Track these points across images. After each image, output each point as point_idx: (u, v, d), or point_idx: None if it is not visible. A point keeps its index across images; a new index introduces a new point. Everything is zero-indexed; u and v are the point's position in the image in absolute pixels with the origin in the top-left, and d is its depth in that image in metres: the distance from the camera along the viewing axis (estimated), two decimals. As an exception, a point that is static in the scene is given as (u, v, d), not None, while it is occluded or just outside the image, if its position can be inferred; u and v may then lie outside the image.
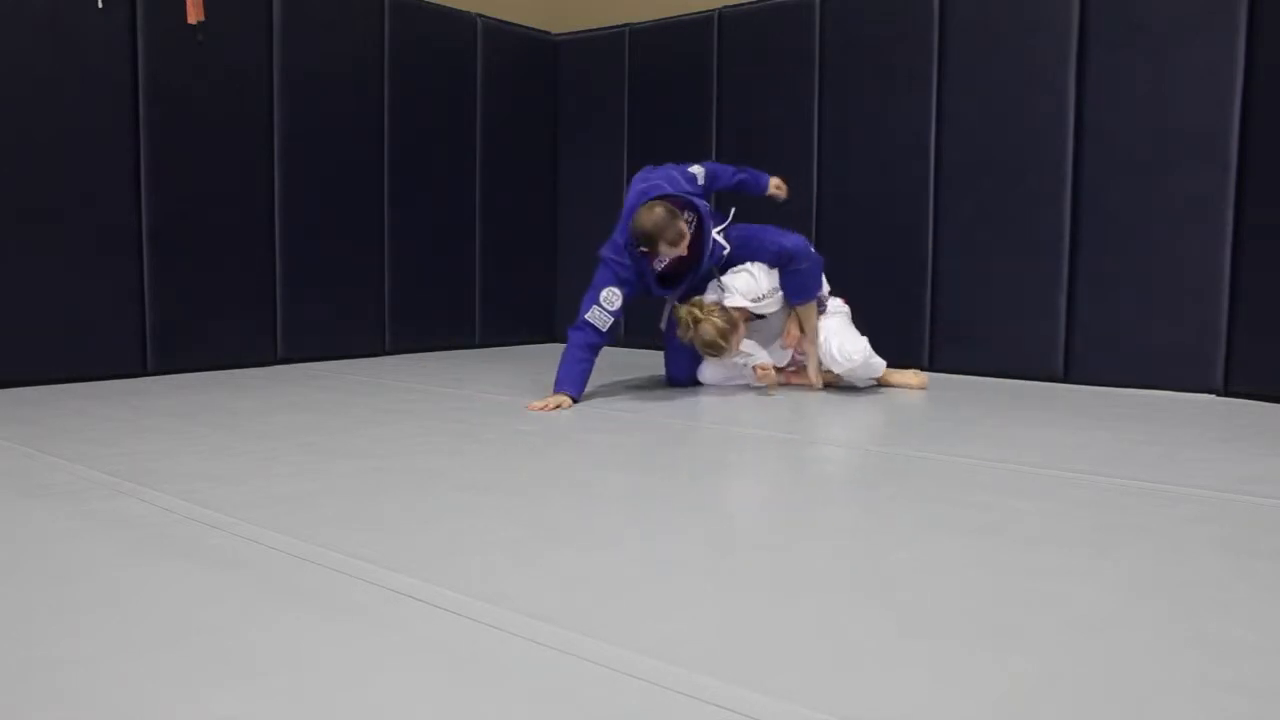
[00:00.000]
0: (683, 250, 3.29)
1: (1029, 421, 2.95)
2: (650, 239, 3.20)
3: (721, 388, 3.63)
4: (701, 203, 3.41)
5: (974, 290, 4.03)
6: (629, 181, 5.16)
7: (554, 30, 5.45)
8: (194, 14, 3.79)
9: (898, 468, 2.30)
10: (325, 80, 4.32)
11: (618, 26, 5.16)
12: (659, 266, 3.37)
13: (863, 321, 4.33)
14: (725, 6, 4.73)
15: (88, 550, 1.61)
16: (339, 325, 4.47)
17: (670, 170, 3.47)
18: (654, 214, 3.19)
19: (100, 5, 3.54)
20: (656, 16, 5.02)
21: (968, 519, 1.83)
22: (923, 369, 4.19)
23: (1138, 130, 3.61)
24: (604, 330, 3.29)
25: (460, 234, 5.01)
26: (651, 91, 5.02)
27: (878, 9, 4.22)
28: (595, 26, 5.29)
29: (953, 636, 1.25)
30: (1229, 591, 1.44)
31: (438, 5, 4.80)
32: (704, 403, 3.30)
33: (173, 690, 1.08)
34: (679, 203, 3.31)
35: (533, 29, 5.32)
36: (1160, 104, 3.56)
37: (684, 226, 3.24)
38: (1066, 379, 3.83)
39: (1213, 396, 3.49)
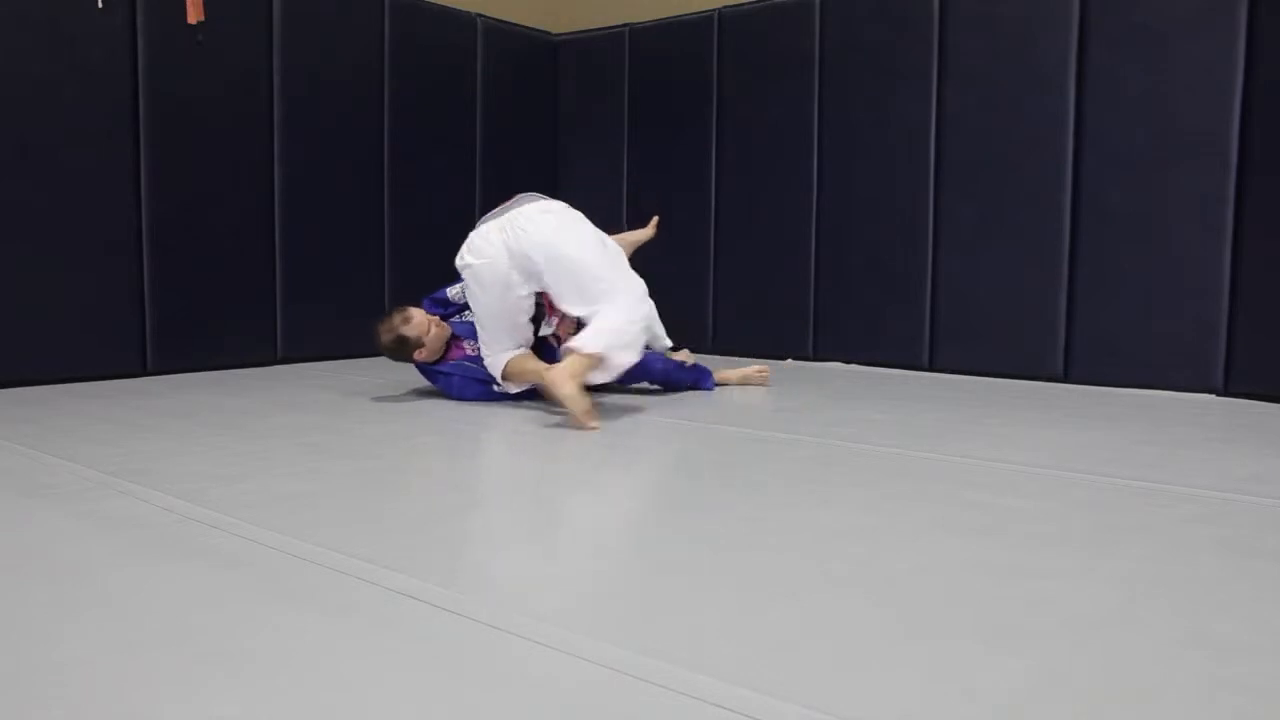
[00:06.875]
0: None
1: (1029, 421, 2.95)
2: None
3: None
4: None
5: (974, 290, 4.03)
6: (629, 183, 5.12)
7: (554, 30, 5.44)
8: (194, 14, 3.79)
9: (897, 467, 2.30)
10: (325, 80, 4.32)
11: (618, 26, 5.15)
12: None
13: (864, 321, 4.34)
14: (725, 6, 4.73)
15: (88, 550, 1.61)
16: (339, 325, 4.47)
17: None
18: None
19: (100, 5, 3.54)
20: (656, 16, 5.01)
21: (968, 519, 1.83)
22: (923, 369, 4.19)
23: (1138, 130, 3.61)
24: None
25: (460, 234, 5.00)
26: (651, 91, 5.02)
27: (878, 9, 4.22)
28: (595, 26, 5.28)
29: (953, 636, 1.25)
30: (1229, 591, 1.44)
31: (438, 5, 4.80)
32: (701, 402, 3.30)
33: (172, 690, 1.08)
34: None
35: (533, 29, 5.32)
36: (1160, 104, 3.56)
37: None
38: (1066, 379, 3.82)
39: (1213, 396, 3.49)
